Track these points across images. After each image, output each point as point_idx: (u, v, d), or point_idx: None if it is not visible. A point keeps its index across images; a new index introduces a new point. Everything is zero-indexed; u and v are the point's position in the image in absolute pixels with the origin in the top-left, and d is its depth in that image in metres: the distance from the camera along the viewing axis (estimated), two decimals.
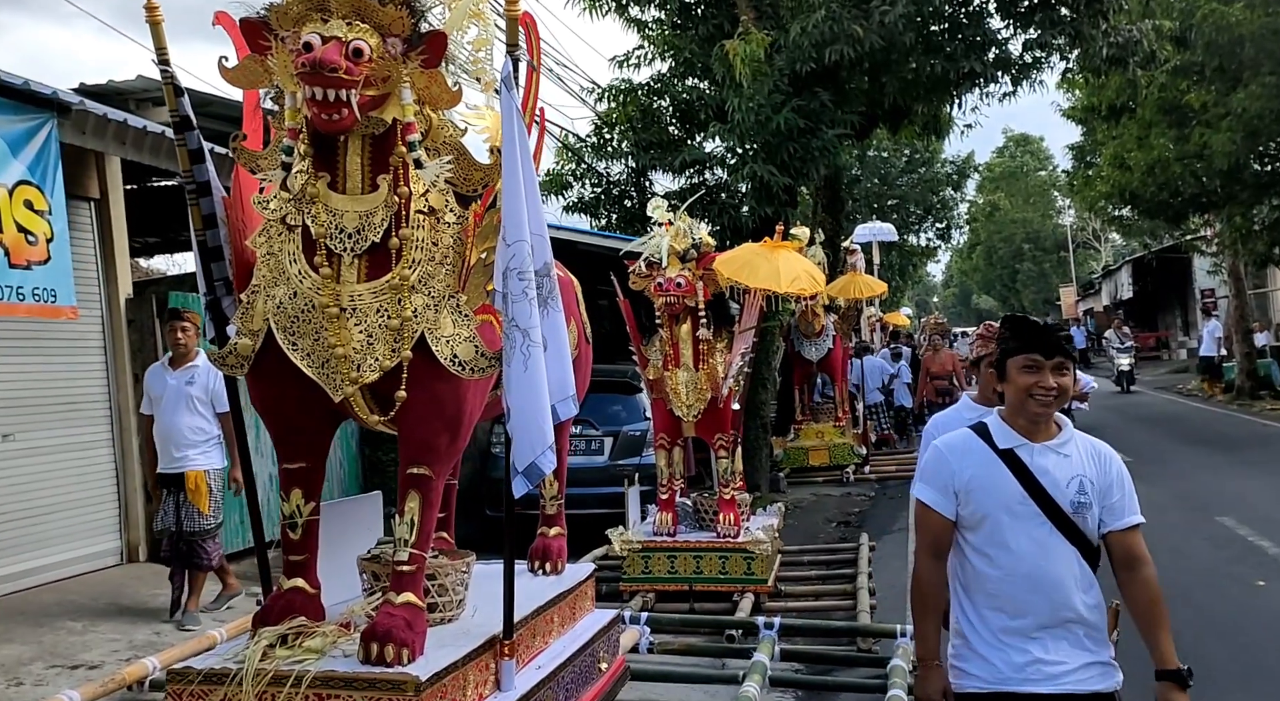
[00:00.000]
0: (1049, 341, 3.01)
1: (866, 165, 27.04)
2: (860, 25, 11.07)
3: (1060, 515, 2.92)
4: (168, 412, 6.24)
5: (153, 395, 6.32)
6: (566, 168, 12.74)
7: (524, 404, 3.26)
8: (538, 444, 3.27)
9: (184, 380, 6.31)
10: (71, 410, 7.24)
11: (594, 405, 10.08)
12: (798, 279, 7.32)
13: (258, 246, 3.54)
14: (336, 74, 3.08)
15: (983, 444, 3.03)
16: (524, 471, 3.24)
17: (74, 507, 7.31)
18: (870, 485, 13.33)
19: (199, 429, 6.34)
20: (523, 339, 3.26)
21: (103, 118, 6.01)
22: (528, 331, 3.26)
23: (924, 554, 3.09)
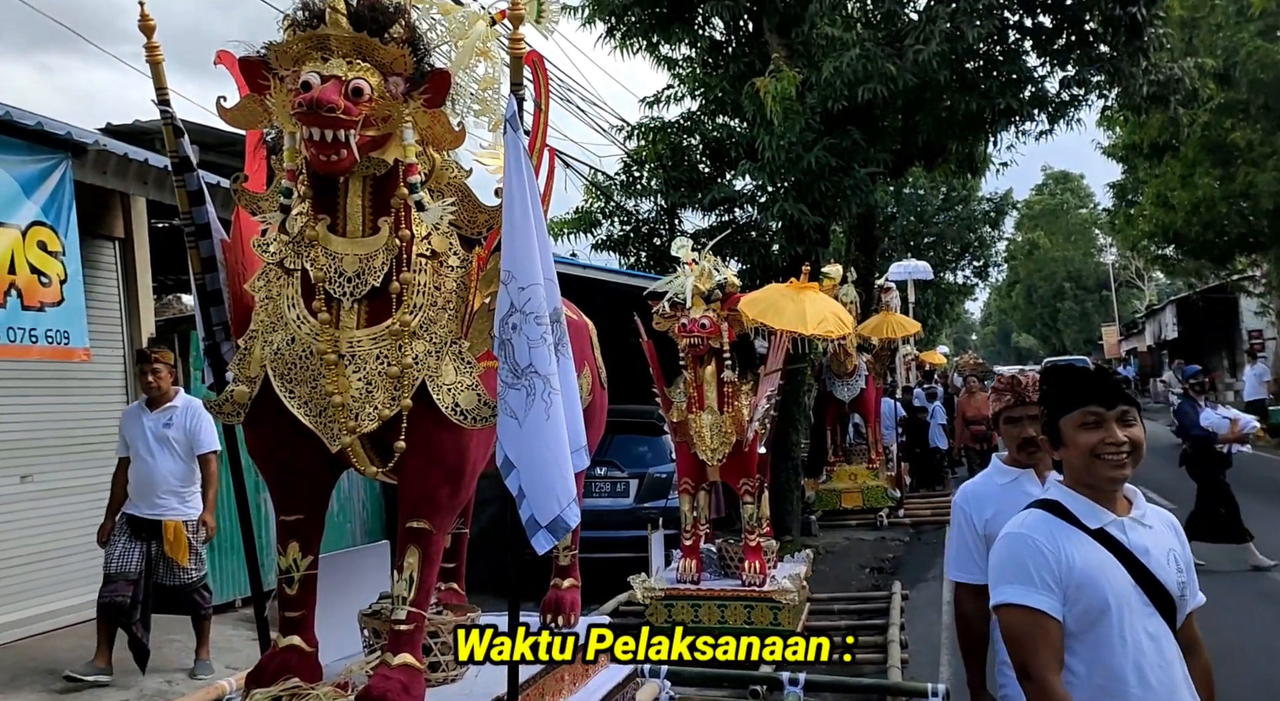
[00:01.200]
0: (1107, 388, 2.55)
1: (903, 202, 26.81)
2: (894, 63, 10.95)
3: (1168, 602, 2.50)
4: (146, 457, 5.95)
5: (128, 438, 6.01)
6: (595, 205, 12.69)
7: (546, 454, 3.11)
8: (563, 496, 3.12)
9: (161, 423, 6.01)
10: (91, 451, 7.18)
11: (619, 446, 10.00)
12: (825, 321, 7.15)
13: (256, 291, 3.44)
14: (334, 114, 2.98)
15: (1067, 524, 2.53)
16: (548, 526, 3.08)
17: (93, 550, 7.20)
18: (904, 530, 13.02)
19: (180, 475, 6.04)
20: (544, 386, 3.11)
21: (124, 158, 5.99)
22: (548, 378, 3.12)
23: (1050, 673, 2.42)
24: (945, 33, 10.80)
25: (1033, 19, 11.93)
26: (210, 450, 6.10)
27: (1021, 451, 3.40)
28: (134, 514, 6.02)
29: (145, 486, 5.97)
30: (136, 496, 6.00)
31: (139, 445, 5.95)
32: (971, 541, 3.36)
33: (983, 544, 3.25)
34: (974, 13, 10.90)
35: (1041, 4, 11.62)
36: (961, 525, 3.40)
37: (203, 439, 6.08)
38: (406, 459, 3.34)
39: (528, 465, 3.10)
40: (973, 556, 3.34)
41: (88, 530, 7.20)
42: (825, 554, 11.04)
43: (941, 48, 10.81)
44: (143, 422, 5.98)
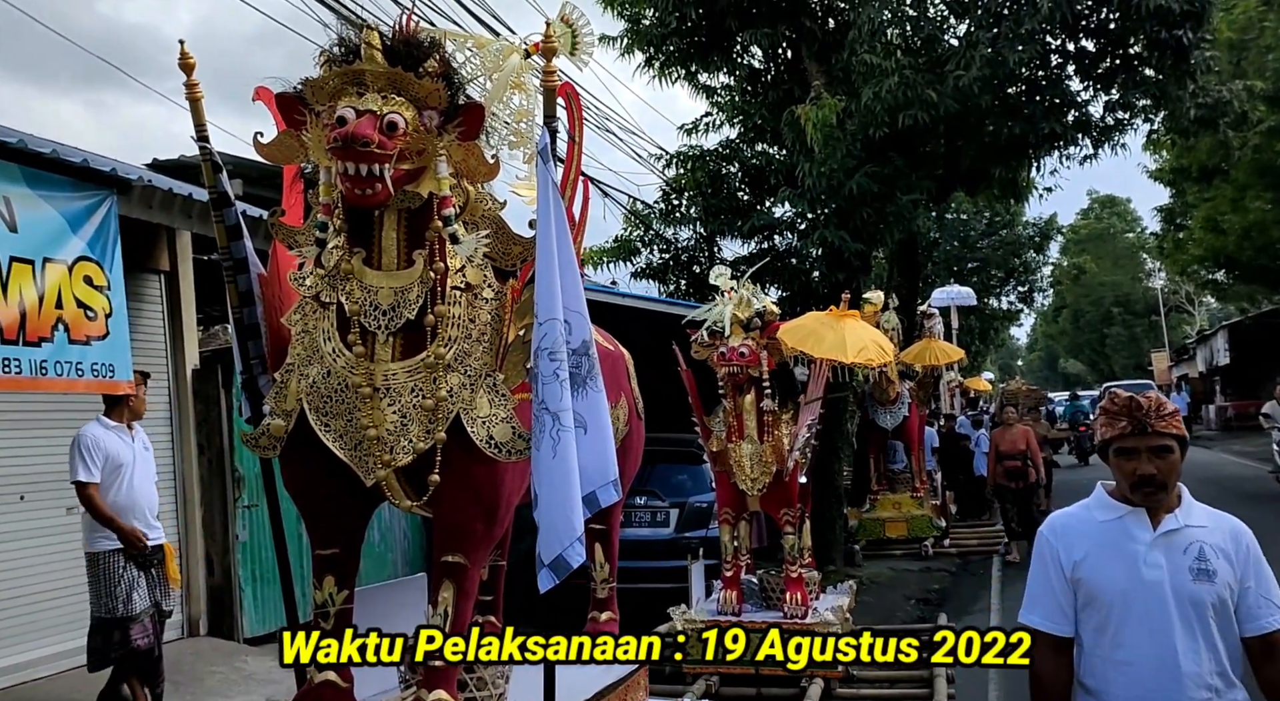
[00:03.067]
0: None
1: (945, 228, 26.59)
2: (935, 89, 10.87)
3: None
4: (139, 479, 5.65)
5: (120, 462, 5.55)
6: (634, 234, 12.71)
7: (552, 492, 3.10)
8: (565, 535, 3.10)
9: (142, 444, 5.78)
10: None
11: (659, 475, 9.91)
12: (865, 349, 7.07)
13: (292, 324, 3.46)
14: (369, 148, 2.99)
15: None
16: (550, 564, 3.05)
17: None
18: (950, 560, 12.80)
19: (156, 495, 5.83)
20: (552, 422, 3.10)
21: (168, 192, 6.09)
22: (558, 415, 3.11)
23: None
24: (986, 58, 10.72)
25: (1075, 43, 11.81)
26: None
27: (1136, 491, 2.78)
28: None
29: (142, 509, 5.67)
30: (130, 522, 5.60)
31: (131, 467, 5.63)
32: (1056, 583, 2.86)
33: (1069, 588, 2.83)
34: (1015, 38, 10.80)
35: (1084, 28, 11.50)
36: (1045, 561, 2.90)
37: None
38: (441, 492, 3.33)
39: (535, 502, 3.09)
40: (1056, 601, 2.86)
41: None
42: (869, 584, 10.86)
43: (983, 73, 10.71)
44: (129, 443, 5.69)
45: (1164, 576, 2.65)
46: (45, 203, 4.75)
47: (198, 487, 7.58)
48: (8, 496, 6.18)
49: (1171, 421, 2.69)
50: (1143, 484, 2.70)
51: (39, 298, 4.65)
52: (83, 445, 5.39)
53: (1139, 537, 2.72)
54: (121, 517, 5.51)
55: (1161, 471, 2.66)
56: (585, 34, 3.55)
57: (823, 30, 12.17)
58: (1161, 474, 2.66)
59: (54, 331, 4.76)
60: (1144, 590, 2.66)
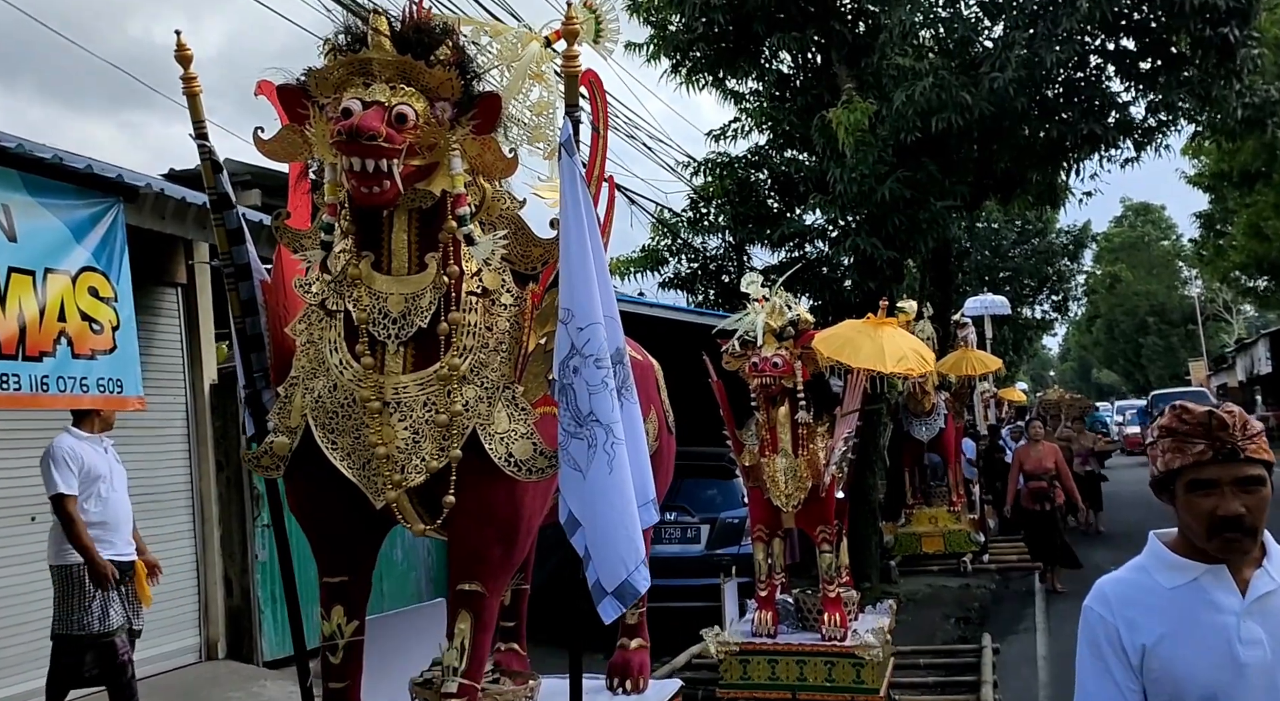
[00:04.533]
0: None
1: (976, 237, 26.19)
2: (969, 92, 10.59)
3: None
4: (118, 491, 5.33)
5: (97, 473, 5.22)
6: (662, 243, 12.49)
7: (611, 512, 2.83)
8: (630, 558, 2.83)
9: (114, 455, 5.46)
10: (152, 501, 7.06)
11: (690, 490, 9.65)
12: (904, 358, 6.77)
13: (297, 334, 3.22)
14: (376, 142, 2.75)
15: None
16: (614, 592, 2.79)
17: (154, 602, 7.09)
18: (990, 575, 12.42)
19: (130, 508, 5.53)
20: (605, 436, 2.84)
21: (181, 201, 5.90)
22: (610, 427, 2.84)
23: None
24: (1022, 59, 10.42)
25: (1115, 42, 11.47)
26: None
27: (1215, 537, 2.04)
28: (111, 558, 5.32)
29: (119, 523, 5.37)
30: (107, 539, 5.30)
31: (109, 479, 5.32)
32: (1120, 677, 2.09)
33: (1137, 682, 2.08)
34: (1053, 38, 10.49)
35: (1125, 27, 11.17)
36: (1101, 649, 2.12)
37: None
38: (456, 515, 3.08)
39: (593, 524, 2.81)
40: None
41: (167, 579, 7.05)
42: (907, 602, 10.53)
43: (1018, 74, 10.41)
44: (103, 452, 5.36)
45: (1267, 656, 2.00)
46: (48, 211, 4.56)
47: (216, 506, 7.38)
48: (18, 518, 5.97)
49: (1261, 444, 2.04)
50: (1226, 527, 2.00)
51: (40, 310, 4.45)
52: (59, 456, 5.08)
53: (1226, 606, 2.04)
54: (101, 533, 5.21)
55: (1251, 510, 2.00)
56: (610, 21, 3.30)
57: (852, 33, 11.94)
58: (1251, 514, 2.00)
59: (56, 345, 4.56)
60: (1243, 679, 1.99)
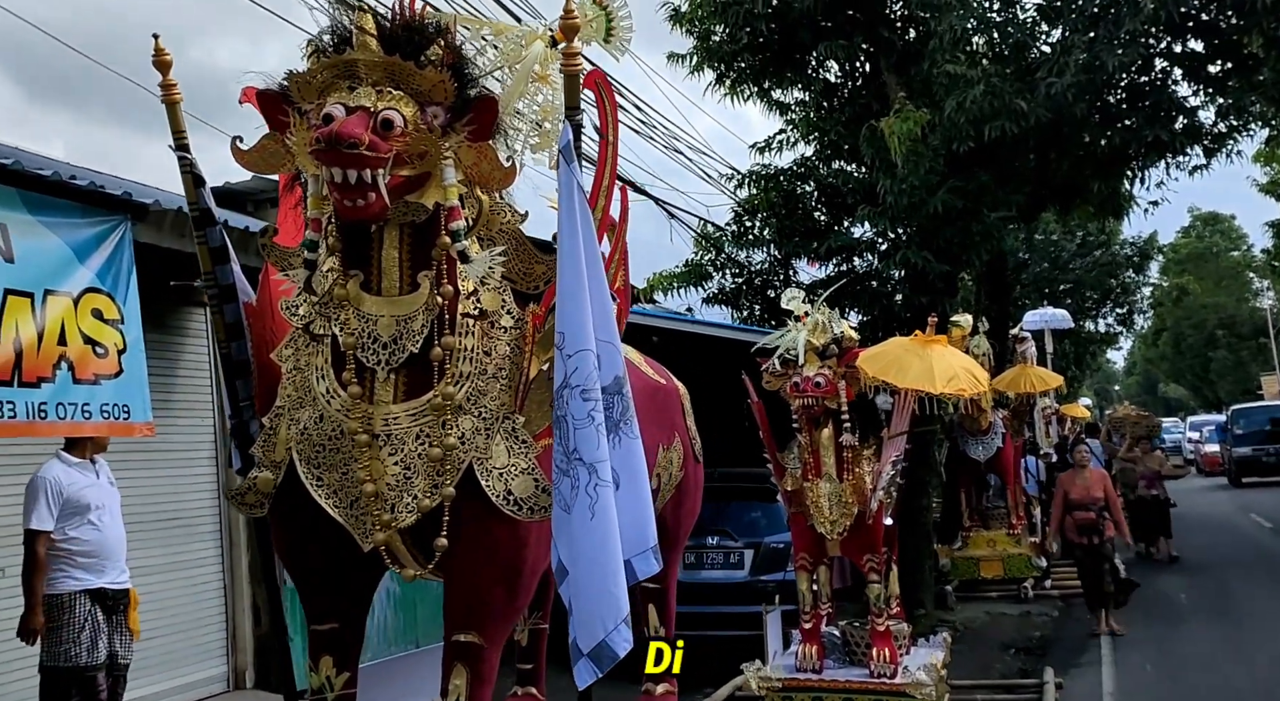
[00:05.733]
0: None
1: (1035, 248, 25.53)
2: (1024, 99, 10.19)
3: None
4: (109, 519, 5.12)
5: (85, 502, 5.03)
6: (705, 257, 12.23)
7: (591, 563, 2.54)
8: (609, 617, 2.53)
9: (107, 478, 5.25)
10: (179, 526, 6.91)
11: (733, 513, 9.33)
12: (955, 378, 6.41)
13: (284, 360, 2.98)
14: (357, 151, 2.50)
15: None
16: (589, 654, 2.49)
17: (180, 630, 6.94)
18: (1052, 603, 11.90)
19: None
20: (588, 476, 2.55)
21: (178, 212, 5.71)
22: (594, 467, 2.56)
23: None
24: (1082, 63, 9.99)
25: (1182, 45, 10.98)
26: None
27: None
28: (103, 586, 5.11)
29: (111, 551, 5.15)
30: (100, 566, 5.10)
31: (102, 505, 5.13)
32: None
33: None
34: (1115, 41, 10.04)
35: (1192, 28, 10.68)
36: None
37: None
38: (452, 559, 2.81)
39: (573, 574, 2.53)
40: None
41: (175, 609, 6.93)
42: (963, 630, 10.09)
43: (1078, 79, 9.98)
44: (94, 479, 5.16)
45: None
46: (49, 230, 4.39)
47: (244, 531, 7.20)
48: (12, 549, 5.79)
49: None
50: None
51: (38, 334, 4.27)
52: (39, 487, 4.91)
53: None
54: (90, 562, 5.03)
55: None
56: (622, 18, 3.03)
57: (902, 40, 11.60)
58: None
59: (55, 370, 4.38)
60: None
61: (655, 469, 4.16)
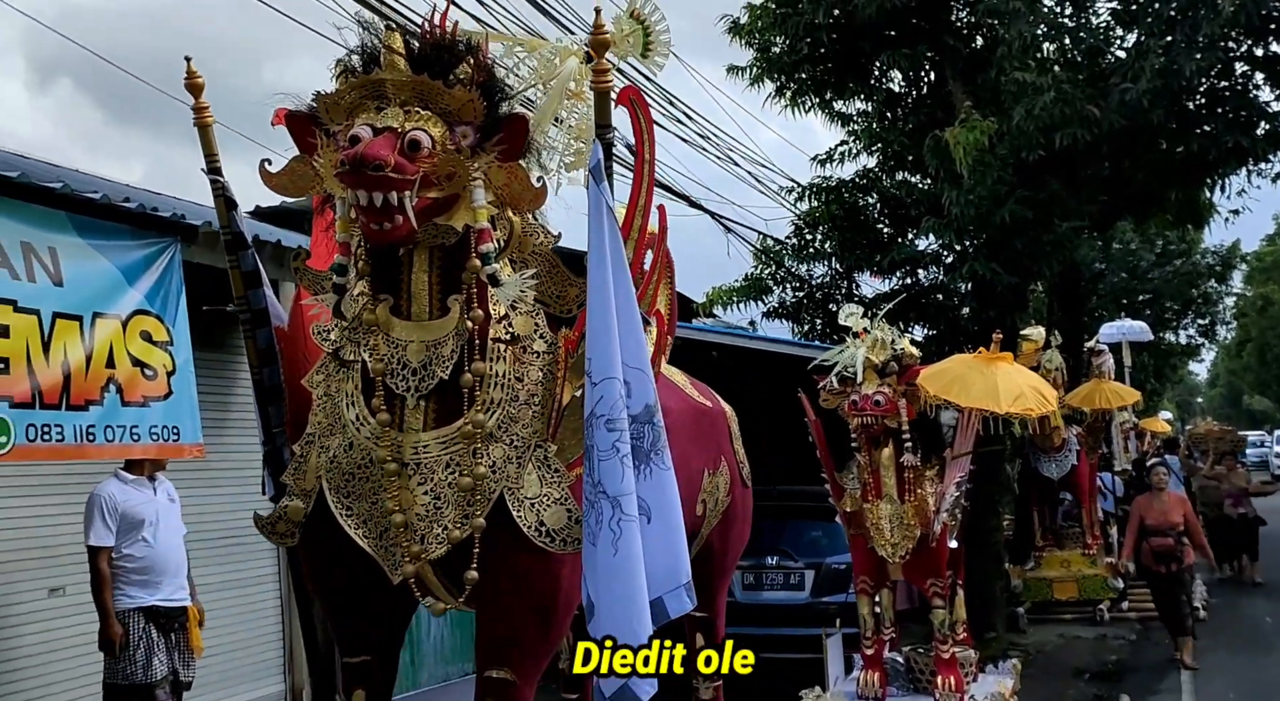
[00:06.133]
0: None
1: (1111, 259, 24.84)
2: (1097, 105, 9.89)
3: None
4: (166, 535, 5.17)
5: (140, 518, 5.11)
6: (765, 271, 12.09)
7: (614, 600, 2.44)
8: None
9: (165, 496, 5.30)
10: (235, 544, 6.94)
11: (793, 533, 9.17)
12: (1021, 397, 6.17)
13: (314, 386, 2.92)
14: (383, 173, 2.44)
15: None
16: (611, 698, 2.38)
17: (237, 648, 6.96)
18: (1130, 626, 11.50)
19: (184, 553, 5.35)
20: (611, 511, 2.45)
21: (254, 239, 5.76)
22: (618, 501, 2.46)
23: None
24: (1158, 68, 9.66)
25: (1264, 48, 10.56)
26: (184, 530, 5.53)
27: None
28: (155, 604, 5.15)
29: (168, 568, 5.20)
30: (154, 583, 5.15)
31: (156, 522, 5.19)
32: None
33: None
34: (1192, 45, 9.69)
35: (1275, 30, 10.26)
36: None
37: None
38: (483, 592, 2.72)
39: (597, 612, 2.42)
40: None
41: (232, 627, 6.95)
42: (1035, 654, 9.78)
43: (1153, 85, 9.65)
44: (152, 497, 5.22)
45: None
46: (98, 253, 4.44)
47: None
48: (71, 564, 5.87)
49: None
50: None
51: (86, 357, 4.30)
52: (95, 505, 5.00)
53: None
54: (144, 580, 5.10)
55: None
56: (660, 32, 2.93)
57: (968, 49, 11.35)
58: None
59: (104, 393, 4.41)
60: None
61: (700, 494, 4.05)
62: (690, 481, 3.92)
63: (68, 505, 5.56)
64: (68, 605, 5.79)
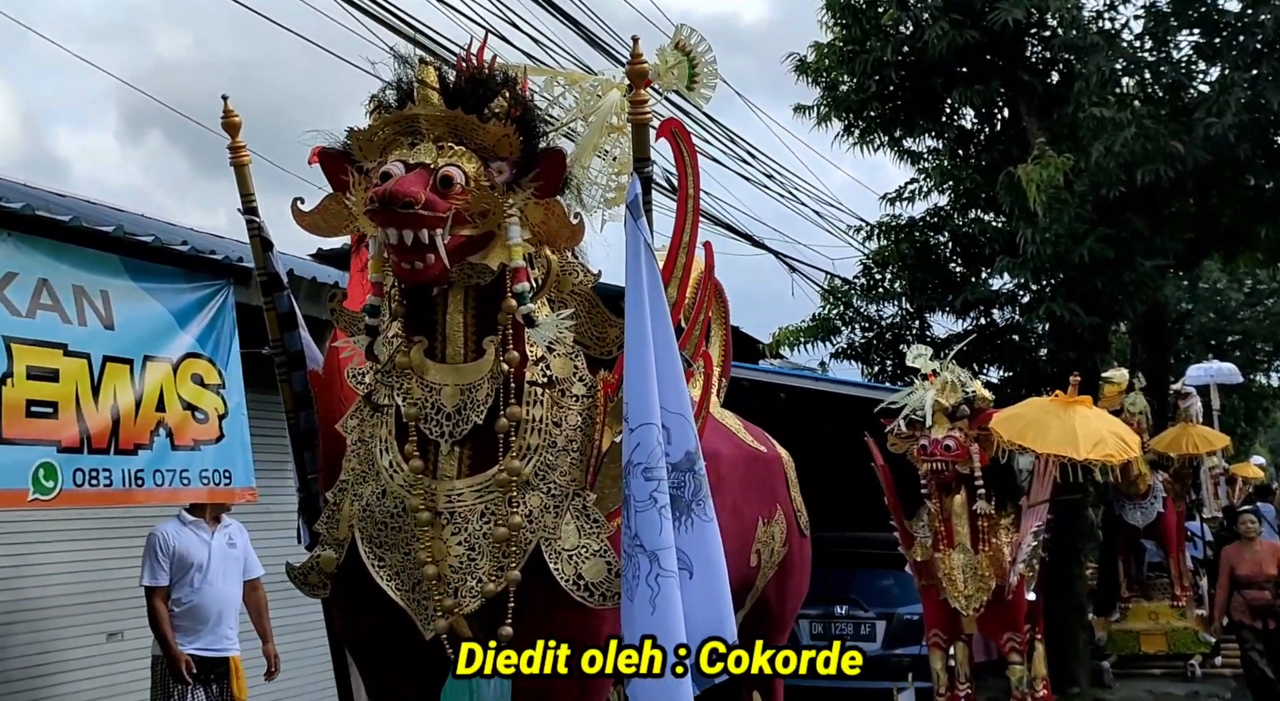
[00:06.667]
0: None
1: (1198, 298, 24.06)
2: (1180, 140, 9.61)
3: None
4: (215, 582, 5.11)
5: (190, 561, 5.06)
6: (833, 312, 11.89)
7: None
8: None
9: (225, 541, 5.24)
10: (289, 588, 6.88)
11: (863, 581, 8.97)
12: (1102, 442, 5.94)
13: (348, 431, 2.83)
14: (413, 210, 2.35)
15: None
16: None
17: (292, 695, 6.89)
18: (1224, 682, 10.90)
19: (239, 602, 5.27)
20: (649, 565, 2.31)
21: (312, 282, 5.75)
22: (656, 555, 2.31)
23: None
24: (1244, 103, 9.34)
25: None
26: (261, 574, 5.47)
27: None
28: (193, 652, 5.07)
29: (212, 616, 5.12)
30: (194, 629, 5.07)
31: (206, 567, 5.12)
32: None
33: None
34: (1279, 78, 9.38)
35: None
36: None
37: (254, 561, 5.43)
38: (519, 648, 2.58)
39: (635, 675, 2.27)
40: None
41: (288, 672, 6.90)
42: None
43: (1239, 119, 9.32)
44: (206, 542, 5.17)
45: None
46: (150, 296, 4.44)
47: None
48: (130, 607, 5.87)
49: None
50: None
51: (136, 400, 4.29)
52: (150, 545, 5.01)
53: None
54: (188, 627, 5.06)
55: None
56: (707, 64, 2.81)
57: (1043, 84, 11.10)
58: None
59: (153, 437, 4.39)
60: None
61: (755, 545, 3.87)
62: (743, 531, 3.75)
63: (126, 548, 5.56)
64: (126, 650, 5.79)
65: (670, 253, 2.79)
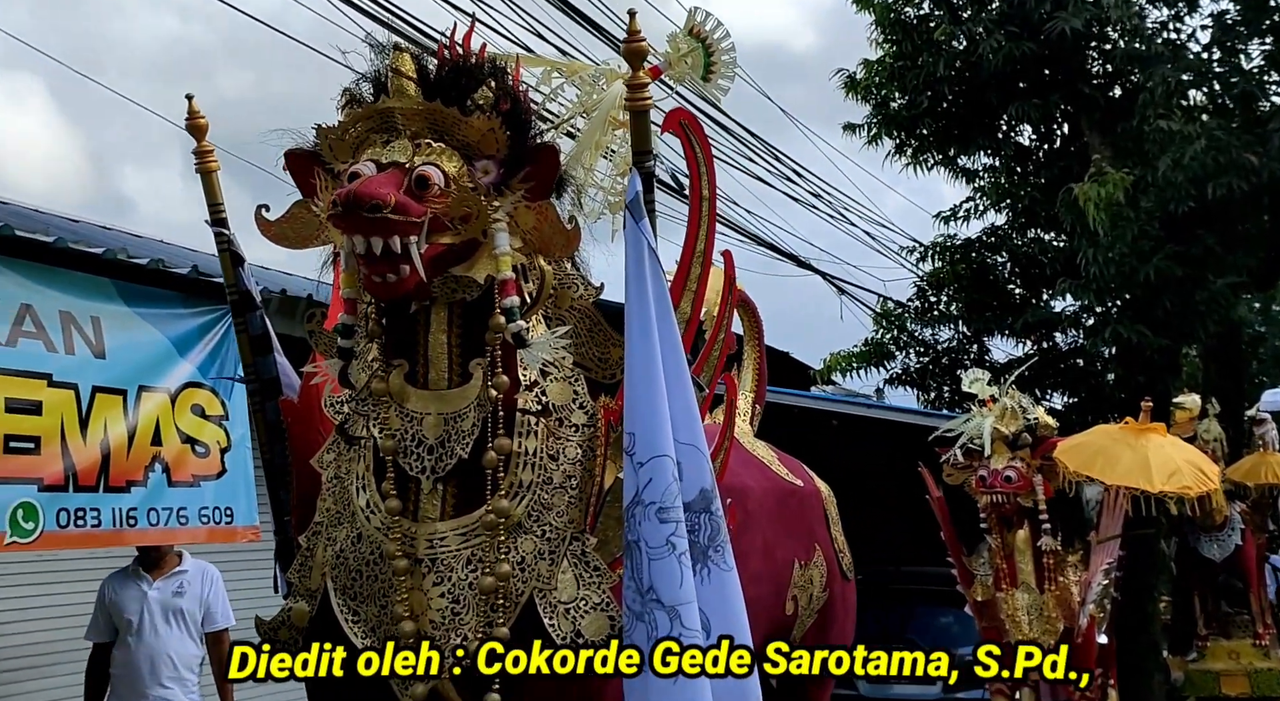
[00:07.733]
0: None
1: (1273, 320, 23.27)
2: (1254, 153, 9.23)
3: None
4: (148, 635, 4.49)
5: (124, 616, 4.52)
6: (886, 336, 11.56)
7: None
8: None
9: (170, 591, 4.61)
10: None
11: (921, 620, 8.64)
12: (1178, 473, 5.53)
13: (324, 467, 2.53)
14: (380, 213, 2.05)
15: None
16: None
17: None
18: None
19: (190, 658, 4.55)
20: (669, 623, 1.98)
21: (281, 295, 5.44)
22: (677, 611, 1.98)
23: None
24: None
25: None
26: (229, 625, 4.80)
27: None
28: None
29: (147, 673, 4.52)
30: (131, 688, 4.52)
31: (138, 621, 4.53)
32: None
33: None
34: None
35: None
36: None
37: (222, 612, 4.79)
38: None
39: None
40: None
41: None
42: None
43: None
44: (144, 593, 4.58)
45: None
46: (146, 322, 4.20)
47: None
48: None
49: None
50: None
51: (129, 433, 4.03)
52: (99, 597, 4.55)
53: None
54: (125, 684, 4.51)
55: None
56: (724, 50, 2.49)
57: (1105, 98, 10.76)
58: None
59: (148, 473, 4.12)
60: None
61: (790, 590, 3.50)
62: (777, 574, 3.38)
63: None
64: None
65: (683, 263, 2.46)
